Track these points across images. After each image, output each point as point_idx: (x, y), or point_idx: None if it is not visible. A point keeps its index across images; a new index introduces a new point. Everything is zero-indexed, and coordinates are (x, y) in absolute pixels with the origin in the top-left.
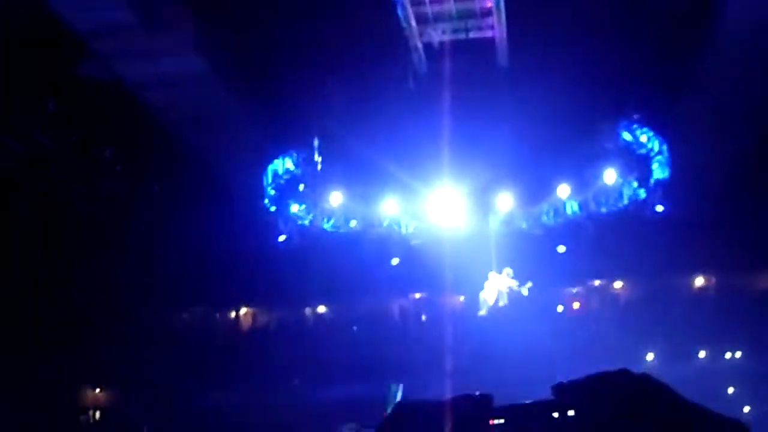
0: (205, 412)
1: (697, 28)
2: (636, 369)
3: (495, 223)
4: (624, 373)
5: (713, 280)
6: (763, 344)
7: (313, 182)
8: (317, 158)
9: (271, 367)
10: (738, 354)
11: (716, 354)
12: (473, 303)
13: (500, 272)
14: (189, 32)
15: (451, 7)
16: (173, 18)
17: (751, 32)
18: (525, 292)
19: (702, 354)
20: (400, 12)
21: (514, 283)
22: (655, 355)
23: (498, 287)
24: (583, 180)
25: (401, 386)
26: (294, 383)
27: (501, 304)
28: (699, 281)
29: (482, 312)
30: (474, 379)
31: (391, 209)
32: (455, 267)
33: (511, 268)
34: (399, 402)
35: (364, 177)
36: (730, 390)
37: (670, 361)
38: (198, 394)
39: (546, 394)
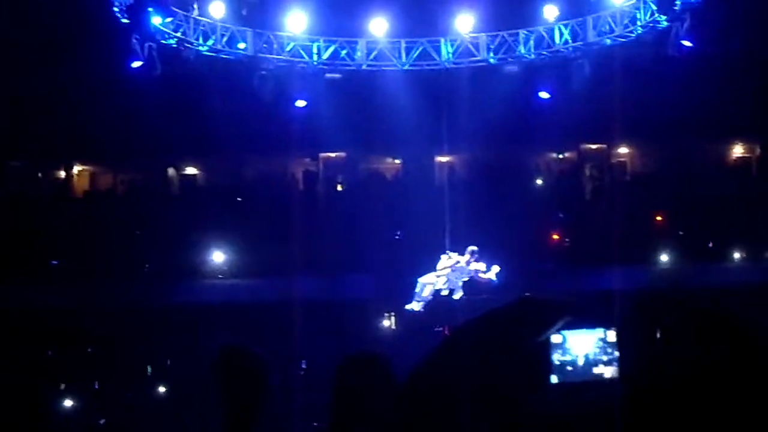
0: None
1: None
2: (644, 274)
3: (450, 54)
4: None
5: (757, 150)
6: None
7: None
8: None
9: (114, 249)
10: None
11: (757, 253)
12: (414, 170)
13: (461, 252)
14: None
15: None
16: None
17: None
18: (492, 277)
19: (737, 255)
20: None
21: (479, 267)
22: (670, 254)
23: (451, 275)
24: None
25: None
26: (144, 271)
27: (457, 296)
28: (737, 150)
29: (414, 305)
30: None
31: (297, 25)
32: (390, 115)
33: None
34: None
35: None
36: None
37: (691, 262)
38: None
39: None
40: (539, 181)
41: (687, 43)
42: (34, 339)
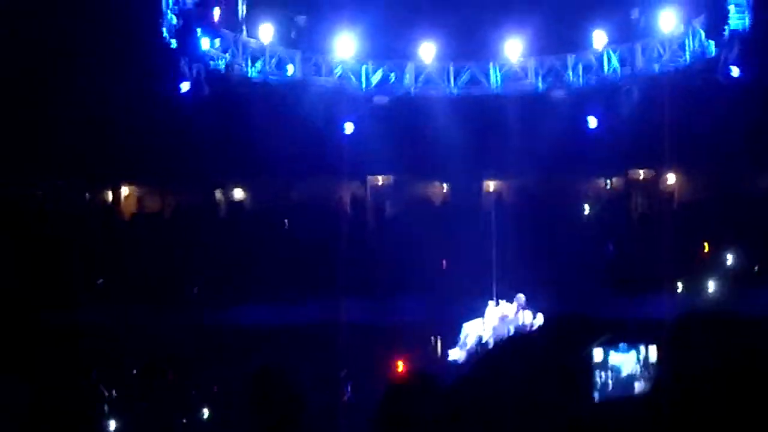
0: (60, 331)
1: None
2: (691, 301)
3: (498, 78)
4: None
5: None
6: None
7: (235, 7)
8: None
9: (161, 271)
10: None
11: None
12: (462, 195)
13: (509, 300)
14: None
15: None
16: None
17: None
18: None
19: None
20: None
21: (527, 317)
22: (719, 281)
23: (498, 325)
24: (629, 24)
25: None
26: (193, 294)
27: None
28: None
29: (458, 353)
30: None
31: (347, 49)
32: (438, 139)
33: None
34: None
35: (310, 0)
36: None
37: (739, 289)
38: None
39: None
40: (587, 208)
41: (736, 70)
42: (80, 359)
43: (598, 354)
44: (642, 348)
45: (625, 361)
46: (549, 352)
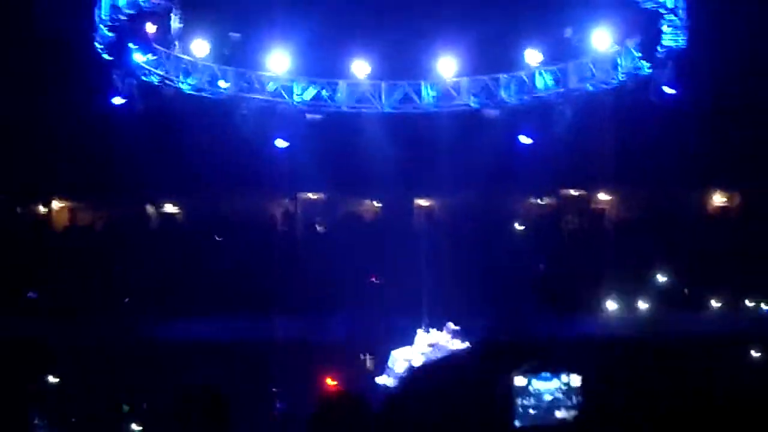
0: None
1: None
2: (624, 320)
3: (431, 97)
4: None
5: (737, 198)
6: None
7: (169, 21)
8: None
9: (90, 285)
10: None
11: (734, 302)
12: (394, 213)
13: (439, 328)
14: None
15: None
16: None
17: None
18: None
19: (714, 302)
20: None
21: (455, 345)
22: (649, 302)
23: (428, 352)
24: (562, 43)
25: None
26: (123, 307)
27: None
28: (717, 199)
29: (385, 381)
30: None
31: (280, 65)
32: (370, 157)
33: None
34: None
35: (244, 17)
36: (755, 353)
37: (669, 311)
38: None
39: None
40: (518, 226)
41: (669, 90)
42: (9, 371)
43: (520, 380)
44: (564, 376)
45: (548, 389)
46: (473, 378)
